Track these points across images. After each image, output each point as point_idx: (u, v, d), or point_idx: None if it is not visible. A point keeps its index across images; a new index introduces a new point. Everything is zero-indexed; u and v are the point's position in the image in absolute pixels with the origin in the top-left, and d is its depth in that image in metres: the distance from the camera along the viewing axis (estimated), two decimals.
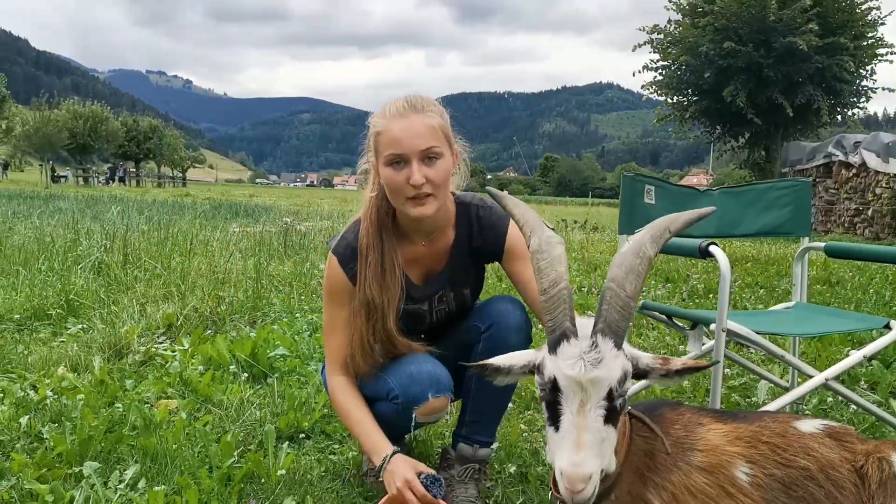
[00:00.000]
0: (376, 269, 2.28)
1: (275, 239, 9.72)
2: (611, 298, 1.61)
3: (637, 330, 5.17)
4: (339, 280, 2.33)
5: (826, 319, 2.96)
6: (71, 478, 2.52)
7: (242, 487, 2.45)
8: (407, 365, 2.33)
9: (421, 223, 2.31)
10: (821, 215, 18.50)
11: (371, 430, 2.29)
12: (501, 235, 2.39)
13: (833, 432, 1.99)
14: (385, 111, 2.19)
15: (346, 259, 2.33)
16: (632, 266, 1.63)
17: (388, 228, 2.33)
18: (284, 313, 5.57)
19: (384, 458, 2.20)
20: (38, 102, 57.55)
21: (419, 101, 2.19)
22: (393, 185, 2.18)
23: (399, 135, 2.13)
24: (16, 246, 7.63)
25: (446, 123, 2.22)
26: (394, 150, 2.14)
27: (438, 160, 2.17)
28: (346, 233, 2.38)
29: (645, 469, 1.84)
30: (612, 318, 1.60)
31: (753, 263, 9.41)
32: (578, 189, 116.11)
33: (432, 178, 2.16)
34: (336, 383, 2.38)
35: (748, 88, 21.36)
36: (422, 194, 2.16)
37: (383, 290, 2.28)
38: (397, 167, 2.16)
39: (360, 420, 2.31)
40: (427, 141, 2.14)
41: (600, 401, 1.56)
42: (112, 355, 4.17)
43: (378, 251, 2.29)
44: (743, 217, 3.35)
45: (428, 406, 2.29)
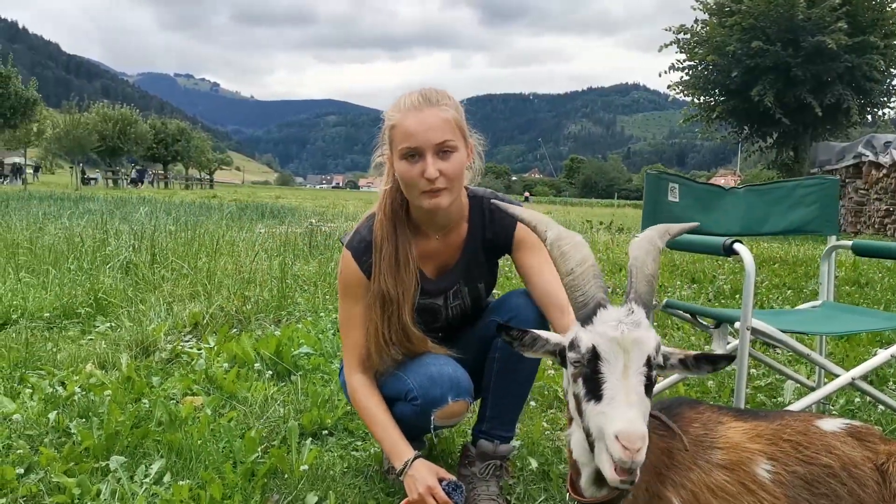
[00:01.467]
0: (391, 262, 2.29)
1: (300, 240, 9.78)
2: (637, 272, 1.70)
3: (661, 331, 5.13)
4: (353, 274, 2.34)
5: (853, 318, 2.92)
6: (98, 472, 2.56)
7: (266, 482, 2.47)
8: (427, 367, 2.32)
9: (435, 216, 2.31)
10: (850, 216, 18.23)
11: (392, 433, 2.28)
12: (511, 225, 2.38)
13: (855, 431, 1.97)
14: (400, 104, 2.19)
15: (359, 253, 2.34)
16: (649, 249, 1.73)
17: (403, 221, 2.33)
18: (309, 312, 5.60)
19: (406, 462, 2.20)
20: (69, 106, 58.51)
21: (434, 94, 2.19)
22: (407, 179, 2.18)
23: (413, 128, 2.13)
24: (46, 246, 7.75)
25: (461, 117, 2.22)
26: (408, 144, 2.14)
27: (453, 153, 2.17)
28: (360, 227, 2.39)
29: (663, 467, 1.83)
30: (642, 290, 1.68)
31: (781, 264, 9.30)
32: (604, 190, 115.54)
33: (447, 172, 2.16)
34: (356, 382, 2.36)
35: (776, 88, 21.11)
36: (436, 188, 2.16)
37: (398, 282, 2.28)
38: (412, 160, 2.16)
39: (380, 422, 2.31)
40: (442, 134, 2.14)
41: (641, 367, 1.56)
42: (139, 353, 4.23)
43: (392, 243, 2.30)
44: (769, 215, 3.32)
45: (447, 409, 2.28)
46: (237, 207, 19.53)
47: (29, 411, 3.06)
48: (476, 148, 2.33)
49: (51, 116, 56.96)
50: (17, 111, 42.91)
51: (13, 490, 2.40)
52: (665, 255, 10.12)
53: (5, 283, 5.88)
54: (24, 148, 49.88)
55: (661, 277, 8.01)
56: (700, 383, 3.78)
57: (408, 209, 2.35)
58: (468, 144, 2.27)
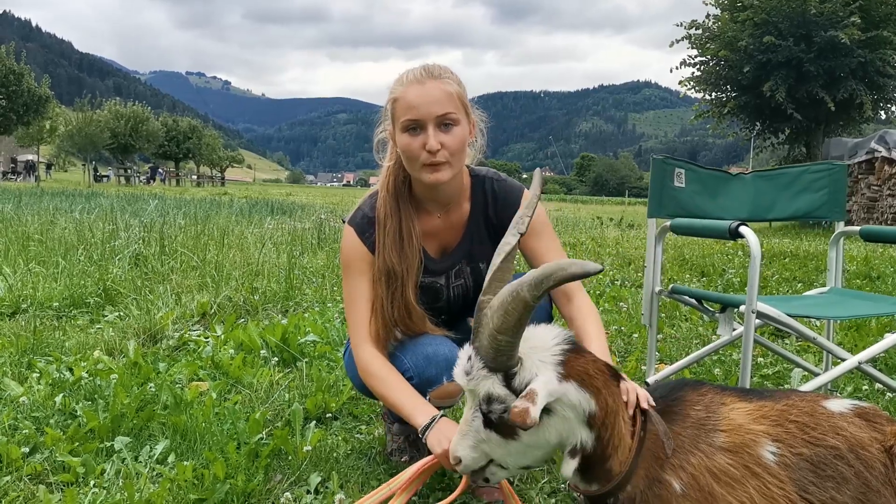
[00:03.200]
0: (394, 237, 2.28)
1: (308, 234, 9.81)
2: (483, 324, 1.70)
3: (670, 321, 5.12)
4: (356, 249, 2.33)
5: (861, 303, 2.90)
6: (102, 452, 2.57)
7: (269, 463, 2.47)
8: (424, 346, 2.30)
9: (436, 192, 2.30)
10: (863, 212, 18.09)
11: (412, 393, 2.20)
12: (514, 207, 2.37)
13: (863, 412, 1.95)
14: (402, 78, 2.19)
15: (362, 228, 2.34)
16: (503, 302, 1.63)
17: (405, 197, 2.33)
18: (317, 303, 5.62)
19: (432, 417, 2.10)
20: (81, 103, 58.88)
21: (436, 68, 2.19)
22: (409, 152, 2.18)
23: (415, 100, 2.13)
24: (56, 238, 7.81)
25: (463, 91, 2.21)
26: (410, 116, 2.14)
27: (455, 127, 2.16)
28: (362, 204, 2.40)
29: (661, 452, 1.82)
30: (483, 343, 1.70)
31: (791, 259, 9.25)
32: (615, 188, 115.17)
33: (448, 145, 2.15)
34: (368, 354, 2.30)
35: (788, 83, 20.96)
36: (437, 161, 2.15)
37: (402, 258, 2.28)
38: (413, 133, 2.15)
39: (398, 386, 2.22)
40: (443, 107, 2.13)
41: (476, 409, 1.77)
42: (146, 340, 4.25)
43: (396, 219, 2.29)
44: (776, 201, 3.29)
45: (442, 389, 2.26)
46: (247, 203, 19.60)
47: (36, 395, 3.07)
48: (478, 125, 2.32)
49: (63, 114, 57.33)
50: (29, 108, 43.24)
51: (18, 468, 2.41)
52: (675, 249, 10.08)
53: (16, 273, 5.92)
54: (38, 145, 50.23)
55: (670, 271, 7.99)
56: (706, 371, 3.77)
57: (410, 186, 2.34)
58: (470, 120, 2.26)
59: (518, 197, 2.39)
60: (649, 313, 3.18)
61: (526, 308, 1.61)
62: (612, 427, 1.77)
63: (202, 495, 2.23)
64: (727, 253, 9.76)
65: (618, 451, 1.78)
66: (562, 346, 1.76)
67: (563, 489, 2.40)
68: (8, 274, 5.80)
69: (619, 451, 1.78)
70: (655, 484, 1.78)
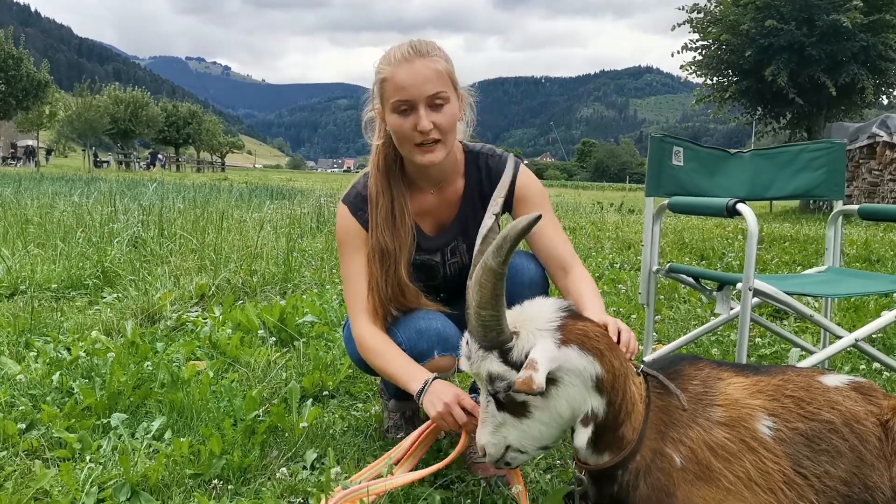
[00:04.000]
0: (387, 216, 2.28)
1: (308, 218, 9.80)
2: (468, 306, 1.73)
3: (668, 302, 5.11)
4: (351, 226, 2.33)
5: (859, 282, 2.89)
6: (99, 428, 2.58)
7: (265, 439, 2.47)
8: (417, 320, 2.30)
9: (429, 170, 2.29)
10: (864, 197, 18.05)
11: (408, 362, 2.20)
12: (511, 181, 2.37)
13: (858, 387, 1.95)
14: (389, 57, 2.16)
15: (356, 206, 2.33)
16: (478, 278, 1.67)
17: (396, 176, 2.32)
18: (315, 285, 5.62)
19: (425, 381, 2.10)
20: (81, 88, 58.76)
21: (423, 45, 2.16)
22: (400, 133, 2.17)
23: (405, 81, 2.11)
24: (55, 221, 7.80)
25: (451, 67, 2.19)
26: (400, 97, 2.12)
27: (445, 105, 2.15)
28: (356, 183, 2.40)
29: (662, 425, 1.82)
30: (472, 323, 1.72)
31: (791, 242, 9.24)
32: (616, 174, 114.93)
33: (440, 124, 2.14)
34: (364, 328, 2.29)
35: (790, 68, 20.87)
36: (429, 140, 2.14)
37: (394, 236, 2.27)
38: (404, 114, 2.14)
39: (394, 355, 2.22)
40: (434, 86, 2.12)
41: (487, 391, 1.78)
42: (144, 320, 4.25)
43: (388, 197, 2.29)
44: (775, 179, 3.28)
45: (433, 363, 2.26)
46: (247, 188, 19.56)
47: (33, 373, 3.08)
48: (467, 99, 2.31)
49: (63, 99, 57.19)
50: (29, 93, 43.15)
51: (14, 444, 2.42)
52: (674, 233, 10.07)
53: (14, 255, 5.92)
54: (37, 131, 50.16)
55: (669, 254, 7.98)
56: (704, 351, 3.76)
57: (402, 164, 2.33)
58: (459, 95, 2.24)
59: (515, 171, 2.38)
60: (647, 293, 3.17)
61: (496, 277, 1.63)
62: (623, 391, 1.78)
63: (198, 470, 2.23)
64: (727, 237, 9.75)
65: (631, 417, 1.79)
66: (557, 314, 1.76)
67: (559, 464, 2.40)
68: (7, 256, 5.80)
69: (633, 417, 1.79)
70: (658, 457, 1.79)
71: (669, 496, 1.76)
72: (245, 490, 2.16)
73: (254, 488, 2.17)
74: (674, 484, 1.76)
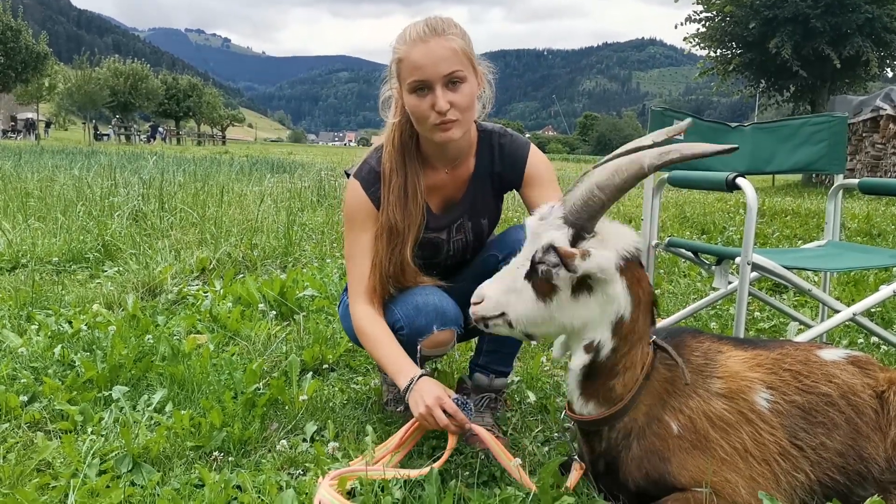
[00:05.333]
0: (399, 194, 2.26)
1: (308, 191, 9.78)
2: (581, 179, 1.73)
3: (668, 276, 5.12)
4: (362, 203, 2.31)
5: (857, 256, 2.89)
6: (100, 401, 2.60)
7: (265, 412, 2.49)
8: (415, 296, 2.30)
9: (445, 149, 2.28)
10: (866, 171, 17.99)
11: (398, 354, 2.21)
12: (522, 161, 2.36)
13: (856, 360, 1.98)
14: (406, 36, 2.13)
15: (368, 183, 2.31)
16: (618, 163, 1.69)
17: (412, 153, 2.30)
18: (315, 259, 5.62)
19: (411, 379, 2.11)
20: (80, 61, 58.40)
21: (440, 23, 2.13)
22: (418, 113, 2.14)
23: (421, 61, 2.08)
24: (56, 194, 7.79)
25: (468, 45, 2.16)
26: (417, 77, 2.09)
27: (462, 84, 2.12)
28: (368, 158, 2.36)
29: (665, 394, 1.85)
30: (574, 195, 1.72)
31: (793, 216, 9.22)
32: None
33: (457, 103, 2.11)
34: (361, 311, 2.30)
35: (794, 40, 20.70)
36: (447, 120, 2.12)
37: (405, 214, 2.26)
38: (421, 94, 2.11)
39: (385, 344, 2.24)
40: (450, 65, 2.09)
41: (527, 256, 1.77)
42: (145, 294, 4.27)
43: (401, 175, 2.27)
44: (776, 153, 3.27)
45: (432, 338, 2.26)
46: (248, 162, 19.51)
47: (34, 346, 3.09)
48: (486, 76, 2.28)
49: (62, 71, 56.86)
50: (28, 65, 42.90)
51: (17, 416, 2.44)
52: (675, 207, 10.06)
53: (15, 228, 5.93)
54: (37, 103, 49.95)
55: (670, 228, 7.98)
56: (703, 325, 3.78)
57: (417, 141, 2.31)
58: (477, 73, 2.21)
59: (526, 151, 2.37)
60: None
61: (639, 173, 1.65)
62: (631, 346, 1.81)
63: (199, 442, 2.25)
64: (728, 210, 9.73)
65: (626, 373, 1.82)
66: (634, 251, 1.79)
67: (557, 437, 2.42)
68: (7, 229, 5.80)
69: (627, 375, 1.82)
70: (654, 422, 1.82)
71: (663, 461, 1.78)
72: (245, 462, 2.18)
73: (254, 460, 2.19)
74: (669, 450, 1.78)
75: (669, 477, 1.77)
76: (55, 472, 2.07)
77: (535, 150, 2.40)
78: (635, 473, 1.82)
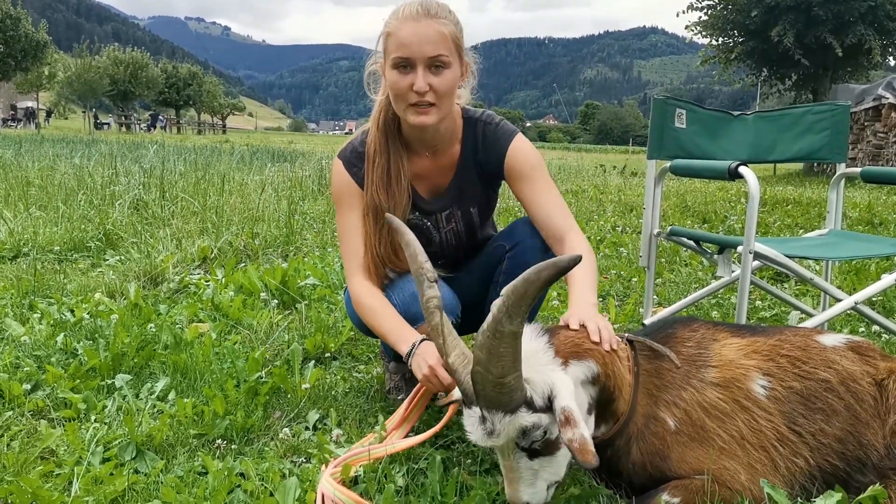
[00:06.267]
0: (382, 175, 2.27)
1: (309, 180, 9.77)
2: (482, 381, 1.57)
3: (669, 265, 5.12)
4: (345, 182, 2.33)
5: (859, 245, 2.89)
6: (103, 389, 2.60)
7: (268, 400, 2.50)
8: (411, 283, 2.29)
9: (423, 133, 2.27)
10: (868, 160, 17.96)
11: (399, 323, 2.19)
12: (502, 151, 2.33)
13: (856, 346, 1.98)
14: (399, 12, 2.14)
15: (350, 162, 2.33)
16: (491, 348, 1.52)
17: (395, 135, 2.30)
18: (317, 248, 5.63)
19: (412, 344, 2.08)
20: (80, 49, 58.23)
21: (434, 6, 2.13)
22: (396, 89, 2.14)
23: (408, 38, 2.08)
24: (57, 183, 7.79)
25: (459, 33, 2.16)
26: (401, 54, 2.10)
27: (445, 70, 2.12)
28: (353, 139, 2.39)
29: (654, 388, 1.85)
30: (490, 396, 1.58)
31: (794, 205, 9.21)
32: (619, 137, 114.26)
33: (436, 87, 2.11)
34: (359, 286, 2.28)
35: (796, 28, 20.61)
36: (424, 102, 2.12)
37: (389, 195, 2.26)
38: (403, 71, 2.12)
39: (386, 314, 2.21)
40: (436, 48, 2.09)
41: (514, 452, 1.66)
42: (147, 283, 4.27)
43: (384, 156, 2.27)
44: (778, 142, 3.26)
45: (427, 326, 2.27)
46: (248, 151, 19.48)
47: (37, 334, 3.10)
48: (471, 67, 2.28)
49: (62, 60, 56.71)
50: (27, 54, 42.79)
51: (20, 405, 2.45)
52: (677, 196, 10.05)
53: (16, 217, 5.93)
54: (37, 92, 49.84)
55: (671, 217, 7.97)
56: (704, 314, 3.78)
57: (400, 125, 2.32)
58: (463, 63, 2.21)
59: (507, 141, 2.34)
60: (647, 256, 3.18)
61: (515, 339, 1.51)
62: (613, 374, 1.78)
63: (202, 430, 2.26)
64: (730, 200, 9.72)
65: (622, 391, 1.81)
66: (545, 342, 1.73)
67: None
68: (9, 218, 5.81)
69: (623, 391, 1.81)
70: (652, 421, 1.81)
71: (664, 459, 1.78)
72: (248, 450, 2.19)
73: (257, 448, 2.20)
74: (668, 447, 1.79)
75: (670, 472, 1.78)
76: (59, 460, 2.08)
77: (520, 141, 2.35)
78: (640, 474, 1.82)
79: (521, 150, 2.34)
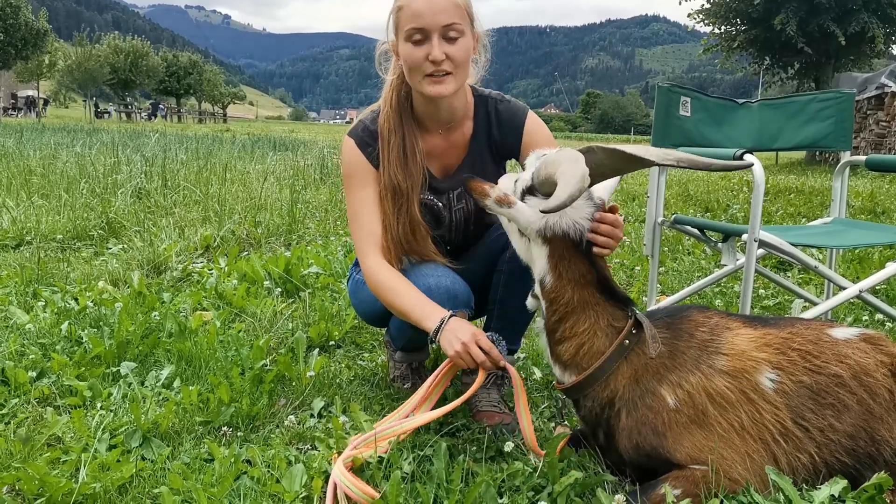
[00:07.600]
0: (399, 153, 2.25)
1: (311, 169, 9.76)
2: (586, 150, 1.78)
3: (673, 254, 5.12)
4: (358, 161, 2.29)
5: (863, 233, 2.89)
6: (109, 377, 2.61)
7: (273, 388, 2.50)
8: (426, 277, 2.26)
9: (437, 108, 2.26)
10: (870, 148, 17.92)
11: (423, 299, 2.14)
12: (519, 127, 2.34)
13: (868, 338, 1.94)
14: None
15: (363, 142, 2.30)
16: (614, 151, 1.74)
17: (408, 113, 2.29)
18: (320, 236, 5.63)
19: (441, 319, 2.04)
20: (80, 38, 58.07)
21: None
22: (411, 62, 2.13)
23: (421, 9, 2.07)
24: (59, 172, 7.79)
25: (469, 3, 2.15)
26: (414, 24, 2.08)
27: (460, 38, 2.11)
28: (363, 118, 2.36)
29: (663, 368, 1.84)
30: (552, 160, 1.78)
31: (797, 194, 9.21)
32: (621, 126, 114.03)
33: (453, 56, 2.10)
34: (374, 264, 2.23)
35: (799, 16, 20.53)
36: (440, 71, 2.10)
37: (406, 174, 2.24)
38: (417, 43, 2.10)
39: (407, 292, 2.16)
40: (449, 16, 2.08)
41: None
42: (150, 271, 4.28)
43: (399, 135, 2.26)
44: (783, 130, 3.25)
45: None
46: (250, 140, 19.45)
47: (42, 322, 3.10)
48: (482, 40, 2.27)
49: (62, 48, 56.53)
50: (27, 42, 42.65)
51: (26, 392, 2.45)
52: (679, 185, 10.04)
53: (19, 206, 5.93)
54: (37, 81, 49.72)
55: (674, 206, 7.97)
56: (708, 303, 3.78)
57: (413, 103, 2.31)
58: (475, 34, 2.20)
59: (523, 118, 2.35)
60: (651, 244, 3.17)
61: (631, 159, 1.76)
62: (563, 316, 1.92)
63: (208, 417, 2.27)
64: (732, 188, 9.72)
65: (571, 341, 1.90)
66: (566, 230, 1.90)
67: (565, 412, 2.44)
68: (11, 207, 5.81)
69: (573, 343, 1.90)
70: (648, 395, 1.81)
71: (658, 435, 1.78)
72: (254, 437, 2.20)
73: (263, 435, 2.21)
74: (664, 423, 1.78)
75: (664, 451, 1.77)
76: (66, 447, 2.08)
77: (533, 116, 2.38)
78: (626, 443, 1.82)
79: (537, 124, 2.37)
